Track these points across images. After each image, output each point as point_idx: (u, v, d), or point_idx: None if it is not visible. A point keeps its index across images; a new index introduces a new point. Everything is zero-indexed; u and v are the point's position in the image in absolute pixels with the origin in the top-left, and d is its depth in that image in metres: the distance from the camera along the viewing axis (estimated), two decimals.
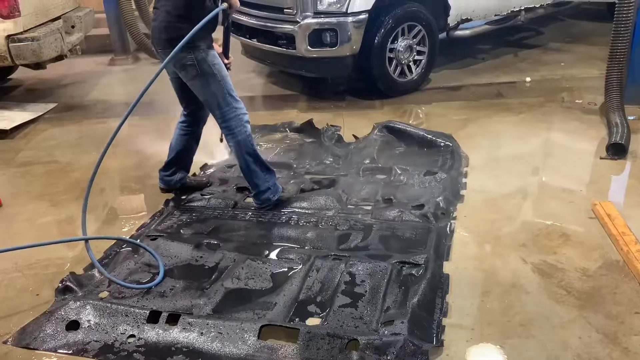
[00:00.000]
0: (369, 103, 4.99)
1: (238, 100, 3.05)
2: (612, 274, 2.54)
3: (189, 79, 3.00)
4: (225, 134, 3.10)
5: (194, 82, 3.00)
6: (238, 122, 3.03)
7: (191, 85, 3.03)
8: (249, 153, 3.09)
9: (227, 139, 3.11)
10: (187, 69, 2.94)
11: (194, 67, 2.92)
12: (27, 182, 3.83)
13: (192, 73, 2.95)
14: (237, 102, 3.04)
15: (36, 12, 5.03)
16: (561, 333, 2.20)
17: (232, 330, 2.23)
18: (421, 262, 2.58)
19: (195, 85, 3.01)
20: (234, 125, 3.03)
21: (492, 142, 4.07)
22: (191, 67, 2.92)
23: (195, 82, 2.99)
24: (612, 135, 3.75)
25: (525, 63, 5.84)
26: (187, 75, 2.99)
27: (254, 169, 3.11)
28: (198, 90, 3.03)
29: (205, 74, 2.94)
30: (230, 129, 3.04)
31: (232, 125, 3.03)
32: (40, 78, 6.27)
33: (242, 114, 3.05)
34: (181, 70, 2.98)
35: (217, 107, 3.00)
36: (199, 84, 2.99)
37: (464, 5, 5.26)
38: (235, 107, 3.03)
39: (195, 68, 2.92)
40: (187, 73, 2.97)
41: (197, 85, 3.01)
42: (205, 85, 2.97)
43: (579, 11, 7.14)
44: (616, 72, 4.13)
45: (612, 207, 2.95)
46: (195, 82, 2.99)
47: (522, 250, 2.75)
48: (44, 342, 2.27)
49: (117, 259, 2.83)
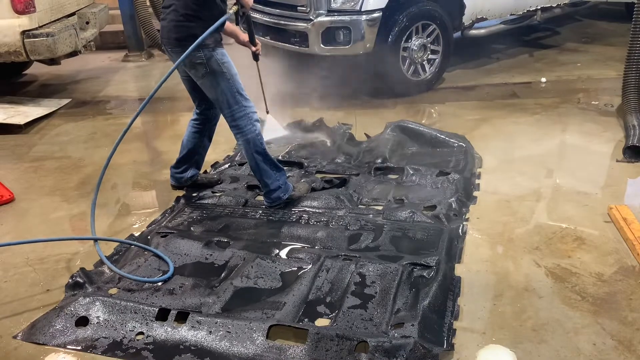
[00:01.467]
0: (381, 102, 4.96)
1: (247, 98, 3.05)
2: (628, 279, 2.49)
3: (199, 78, 3.00)
4: (235, 133, 3.09)
5: (204, 81, 3.00)
6: (247, 121, 3.03)
7: (201, 84, 3.03)
8: (258, 152, 3.08)
9: (237, 137, 3.11)
10: (197, 68, 2.94)
11: (203, 66, 2.92)
12: (40, 177, 3.85)
13: (201, 72, 2.95)
14: (247, 101, 3.04)
15: (51, 8, 5.07)
16: (575, 339, 2.16)
17: (241, 329, 2.21)
18: (432, 264, 2.55)
19: (205, 84, 3.01)
20: (243, 124, 3.02)
21: (506, 143, 4.02)
22: (200, 65, 2.92)
23: (205, 81, 2.99)
24: (629, 138, 3.68)
25: (541, 63, 5.77)
26: (197, 74, 2.98)
27: (264, 168, 3.10)
28: (207, 88, 3.03)
29: (215, 73, 2.94)
30: (240, 127, 3.04)
31: (241, 124, 3.03)
32: (55, 74, 6.32)
33: (251, 113, 3.04)
34: (191, 69, 2.98)
35: (227, 106, 3.00)
36: (208, 83, 2.99)
37: (479, 4, 5.21)
38: (245, 105, 3.02)
39: (204, 66, 2.92)
40: (197, 72, 2.97)
41: (206, 84, 3.01)
42: (214, 83, 2.97)
43: (596, 11, 7.04)
44: (634, 74, 4.06)
45: (628, 211, 2.90)
46: (205, 80, 2.99)
47: (535, 253, 2.71)
48: (54, 338, 2.27)
49: (127, 255, 2.83)
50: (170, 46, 2.98)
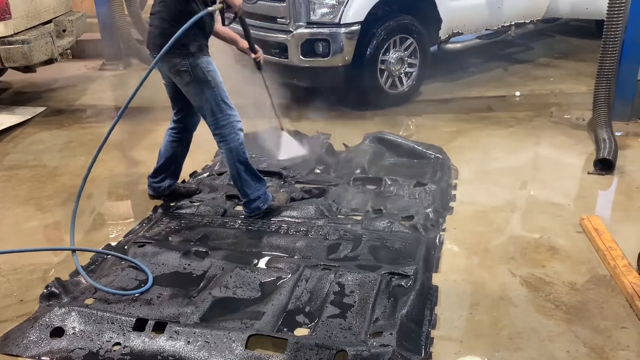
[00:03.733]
0: (360, 113, 5.01)
1: (232, 107, 3.04)
2: (600, 288, 2.55)
3: (183, 85, 3.00)
4: (217, 141, 3.09)
5: (188, 88, 2.99)
6: (231, 130, 3.03)
7: (185, 91, 3.03)
8: (241, 161, 3.08)
9: (219, 145, 3.10)
10: (181, 75, 2.94)
11: (188, 73, 2.91)
12: (13, 186, 3.78)
13: (186, 79, 2.94)
14: (231, 110, 3.04)
15: (27, 15, 5.01)
16: (549, 346, 2.20)
17: (219, 339, 2.20)
18: (410, 273, 2.58)
19: (189, 92, 3.01)
20: (226, 132, 3.02)
21: (482, 155, 4.10)
22: (185, 73, 2.92)
23: (189, 88, 2.99)
24: (599, 151, 3.79)
25: (515, 77, 5.90)
26: (181, 81, 2.98)
27: (245, 178, 3.10)
28: (192, 96, 3.02)
29: (199, 81, 2.94)
30: (223, 136, 3.03)
31: (225, 133, 3.02)
32: (30, 81, 6.22)
33: (235, 121, 3.04)
34: (175, 76, 2.98)
35: (211, 114, 3.00)
36: (192, 91, 2.99)
37: (455, 19, 5.31)
38: (229, 114, 3.02)
39: (189, 74, 2.91)
40: (182, 79, 2.96)
41: (190, 92, 3.00)
42: (198, 91, 2.97)
43: (568, 28, 7.23)
44: (604, 89, 4.18)
45: (599, 222, 2.98)
46: (189, 88, 2.98)
47: (510, 263, 2.76)
48: (27, 349, 2.23)
49: (103, 265, 2.80)
50: (155, 52, 2.96)
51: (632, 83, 4.40)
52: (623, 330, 2.28)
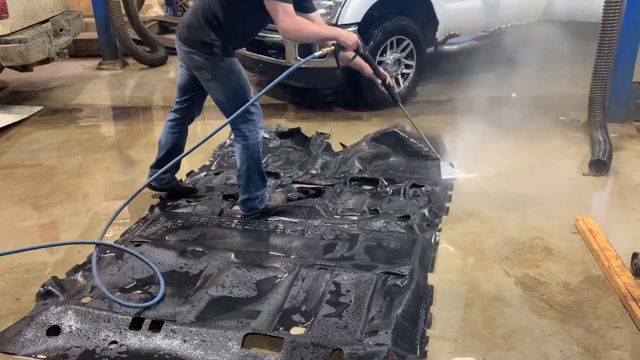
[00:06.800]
0: (356, 114, 5.02)
1: (255, 104, 2.98)
2: (594, 288, 2.57)
3: (203, 81, 2.99)
4: (235, 135, 3.03)
5: (209, 84, 2.99)
6: (252, 127, 2.98)
7: (206, 87, 3.03)
8: (254, 159, 3.06)
9: (236, 140, 3.04)
10: (202, 72, 2.94)
11: (209, 72, 2.91)
12: (10, 185, 3.78)
13: (206, 76, 2.94)
14: (254, 107, 2.98)
15: (24, 14, 5.01)
16: (543, 346, 2.22)
17: (216, 338, 2.21)
18: (406, 273, 2.59)
19: (210, 87, 3.00)
20: (246, 129, 2.98)
21: (478, 156, 4.10)
22: (206, 71, 2.91)
23: (210, 84, 2.98)
24: (594, 152, 3.81)
25: (511, 79, 5.92)
26: (202, 77, 2.97)
27: (253, 176, 3.09)
28: (212, 92, 3.02)
29: (220, 80, 2.92)
30: (241, 131, 2.98)
31: (244, 129, 2.97)
32: (27, 80, 6.22)
33: (258, 119, 3.00)
34: (196, 71, 2.98)
35: (231, 112, 2.91)
36: (213, 86, 2.97)
37: (452, 20, 5.34)
38: (251, 111, 2.96)
39: (210, 72, 2.91)
40: (202, 75, 2.96)
41: (211, 87, 2.99)
42: (220, 88, 2.95)
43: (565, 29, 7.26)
44: (599, 91, 4.21)
45: (594, 223, 3.00)
46: (210, 84, 2.97)
47: (505, 263, 2.78)
48: (24, 347, 2.23)
49: (100, 264, 2.80)
50: (181, 41, 2.95)
51: (627, 85, 4.43)
52: (616, 330, 2.30)
